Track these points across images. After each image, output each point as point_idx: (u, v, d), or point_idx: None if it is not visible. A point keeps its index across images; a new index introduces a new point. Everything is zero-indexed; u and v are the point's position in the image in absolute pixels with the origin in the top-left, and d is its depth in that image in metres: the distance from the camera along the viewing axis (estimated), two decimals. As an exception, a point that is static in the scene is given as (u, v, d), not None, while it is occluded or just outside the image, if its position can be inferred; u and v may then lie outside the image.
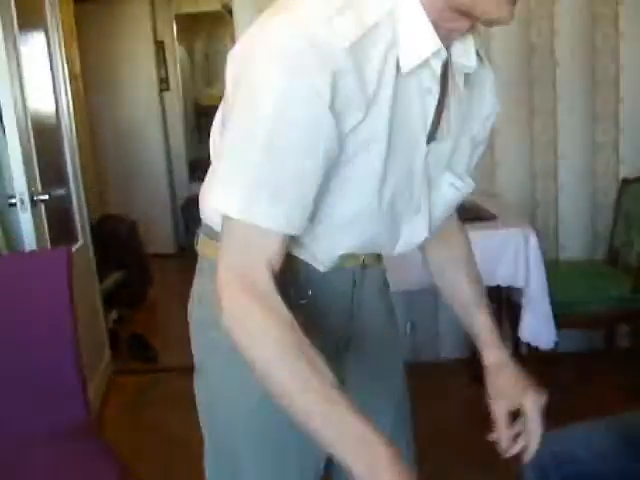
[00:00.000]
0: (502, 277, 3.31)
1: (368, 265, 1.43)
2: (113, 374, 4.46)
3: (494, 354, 1.52)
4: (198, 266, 1.47)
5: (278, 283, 1.14)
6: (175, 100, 7.82)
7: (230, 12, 4.26)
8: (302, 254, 1.30)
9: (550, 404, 1.45)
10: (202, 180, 1.41)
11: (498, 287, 3.42)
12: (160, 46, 7.57)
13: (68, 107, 4.18)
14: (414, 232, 1.35)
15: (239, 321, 1.13)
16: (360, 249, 1.35)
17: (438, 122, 1.27)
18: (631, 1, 3.96)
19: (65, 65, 4.19)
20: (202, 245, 1.44)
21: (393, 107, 1.16)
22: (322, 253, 1.30)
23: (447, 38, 1.19)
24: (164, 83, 7.68)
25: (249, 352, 1.12)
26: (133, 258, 5.99)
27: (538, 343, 3.39)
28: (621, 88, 4.05)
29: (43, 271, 2.57)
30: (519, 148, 4.13)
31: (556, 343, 4.07)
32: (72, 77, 4.97)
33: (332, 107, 1.08)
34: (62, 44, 4.13)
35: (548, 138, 4.11)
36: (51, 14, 3.91)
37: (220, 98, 1.28)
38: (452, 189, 1.35)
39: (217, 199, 1.15)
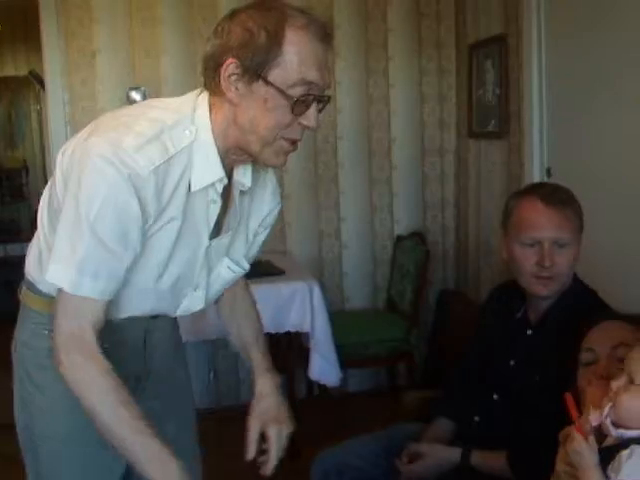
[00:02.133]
0: (291, 324, 3.71)
1: (158, 316, 1.79)
2: None
3: (261, 383, 1.91)
4: (20, 314, 1.80)
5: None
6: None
7: (36, 78, 4.48)
8: None
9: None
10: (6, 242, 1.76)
11: (288, 333, 3.80)
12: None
13: None
14: (192, 303, 1.75)
15: (76, 374, 1.51)
16: (145, 313, 1.72)
17: (221, 223, 1.69)
18: (400, 85, 4.60)
19: None
20: (24, 296, 1.78)
21: (184, 213, 1.57)
22: (115, 312, 1.66)
23: (232, 164, 1.61)
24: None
25: (85, 397, 1.50)
26: None
27: (325, 381, 3.78)
28: (393, 157, 4.65)
29: None
30: (306, 211, 4.59)
31: (345, 383, 4.55)
32: None
33: (138, 210, 1.47)
34: None
35: (332, 201, 4.62)
36: None
37: (24, 160, 1.64)
38: (229, 271, 1.76)
39: (52, 275, 1.52)
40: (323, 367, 3.73)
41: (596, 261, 3.07)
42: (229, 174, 1.63)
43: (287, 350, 3.87)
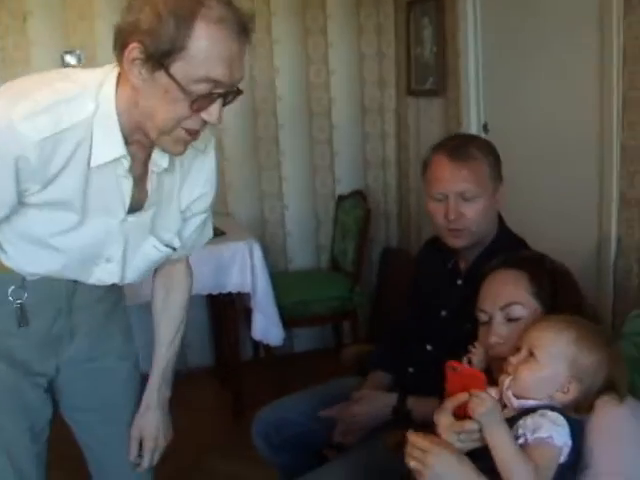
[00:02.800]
0: (232, 285, 3.71)
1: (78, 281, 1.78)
2: None
3: (149, 396, 1.98)
4: None
5: None
6: None
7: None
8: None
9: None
10: None
11: (230, 294, 3.80)
12: None
13: None
14: (104, 274, 1.75)
15: None
16: (56, 274, 1.71)
17: (142, 200, 1.67)
18: (338, 44, 4.58)
19: None
20: None
21: (86, 188, 1.56)
22: (24, 265, 1.68)
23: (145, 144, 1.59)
24: None
25: None
26: None
27: (269, 340, 3.81)
28: (333, 116, 4.64)
29: None
30: (247, 172, 4.56)
31: (291, 344, 4.58)
32: None
33: (14, 175, 1.47)
34: None
35: (273, 162, 4.60)
36: None
37: None
38: (155, 250, 1.76)
39: None
40: (266, 327, 3.75)
41: (531, 213, 3.13)
42: (149, 152, 1.63)
43: (229, 311, 3.86)
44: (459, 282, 2.26)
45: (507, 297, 1.69)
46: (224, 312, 3.93)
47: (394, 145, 4.79)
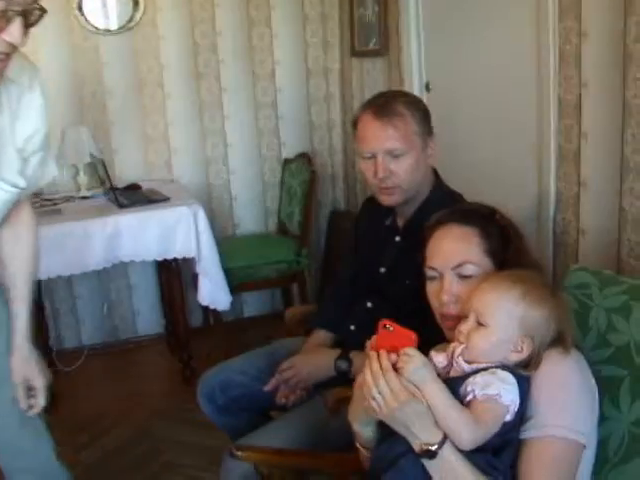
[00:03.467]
0: (177, 250, 3.68)
1: None
2: None
3: (20, 338, 1.94)
4: None
5: None
6: None
7: None
8: None
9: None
10: None
11: (176, 260, 3.78)
12: None
13: None
14: None
15: None
16: None
17: None
18: (281, 6, 4.53)
19: None
20: None
21: None
22: None
23: None
24: None
25: None
26: None
27: (216, 305, 3.80)
28: (277, 79, 4.61)
29: None
30: (192, 137, 4.52)
31: (240, 309, 4.58)
32: None
33: None
34: None
35: (217, 127, 4.56)
36: None
37: None
38: (1, 192, 1.74)
39: None
40: (212, 292, 3.74)
41: (472, 169, 3.15)
42: None
43: (176, 277, 3.84)
44: (397, 239, 2.27)
45: (459, 256, 1.64)
46: (171, 279, 3.90)
47: (339, 107, 4.77)
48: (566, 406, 1.44)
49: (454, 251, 1.65)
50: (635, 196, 2.30)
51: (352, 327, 2.34)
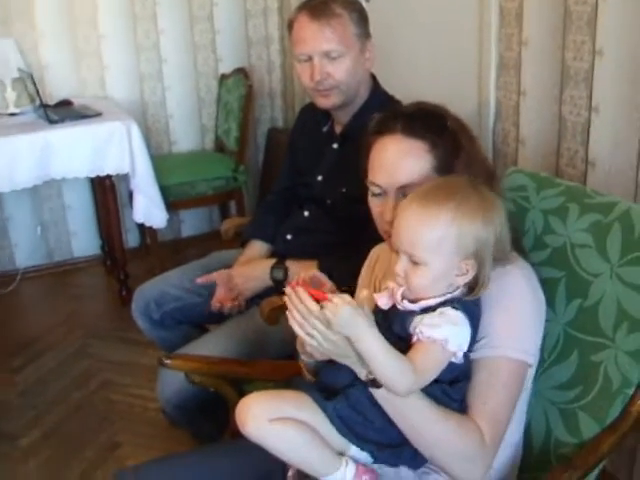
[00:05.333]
0: (110, 167, 3.56)
1: None
2: None
3: None
4: None
5: None
6: None
7: None
8: None
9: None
10: None
11: (110, 177, 3.66)
12: None
13: None
14: None
15: None
16: None
17: None
18: None
19: None
20: None
21: None
22: None
23: None
24: None
25: None
26: None
27: (151, 223, 3.74)
28: (213, -8, 4.45)
29: None
30: (125, 52, 4.34)
31: (178, 229, 4.53)
32: None
33: None
34: None
35: (151, 42, 4.39)
36: None
37: None
38: None
39: None
40: (147, 208, 3.67)
41: (413, 78, 3.11)
42: None
43: (111, 195, 3.74)
44: (335, 146, 2.22)
45: (405, 175, 1.45)
46: (106, 198, 3.79)
47: (277, 21, 4.63)
48: (517, 326, 1.39)
49: (400, 169, 1.46)
50: (574, 104, 2.28)
51: (288, 236, 2.30)
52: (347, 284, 1.50)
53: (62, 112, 3.72)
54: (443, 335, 1.27)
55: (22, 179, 3.43)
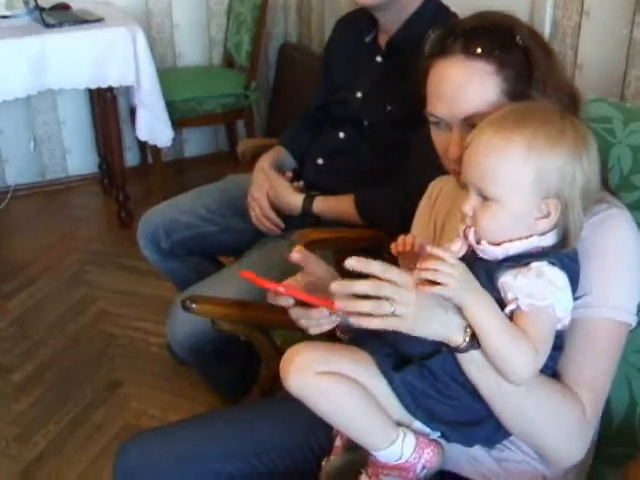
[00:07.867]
0: (113, 78, 3.27)
1: None
2: None
3: None
4: None
5: None
6: None
7: None
8: None
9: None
10: None
11: (112, 89, 3.38)
12: None
13: None
14: None
15: None
16: None
17: None
18: None
19: None
20: None
21: None
22: None
23: None
24: None
25: None
26: None
27: (155, 141, 3.48)
28: None
29: None
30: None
31: (181, 149, 4.28)
32: None
33: None
34: None
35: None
36: None
37: None
38: None
39: None
40: (152, 125, 3.42)
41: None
42: None
43: (112, 109, 3.46)
44: (378, 59, 1.97)
45: (469, 105, 1.23)
46: (106, 112, 3.51)
47: None
48: (620, 281, 1.18)
49: (461, 98, 1.24)
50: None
51: (320, 160, 2.07)
52: (395, 230, 1.27)
53: (59, 16, 3.41)
54: (548, 300, 1.06)
55: (15, 88, 3.13)
